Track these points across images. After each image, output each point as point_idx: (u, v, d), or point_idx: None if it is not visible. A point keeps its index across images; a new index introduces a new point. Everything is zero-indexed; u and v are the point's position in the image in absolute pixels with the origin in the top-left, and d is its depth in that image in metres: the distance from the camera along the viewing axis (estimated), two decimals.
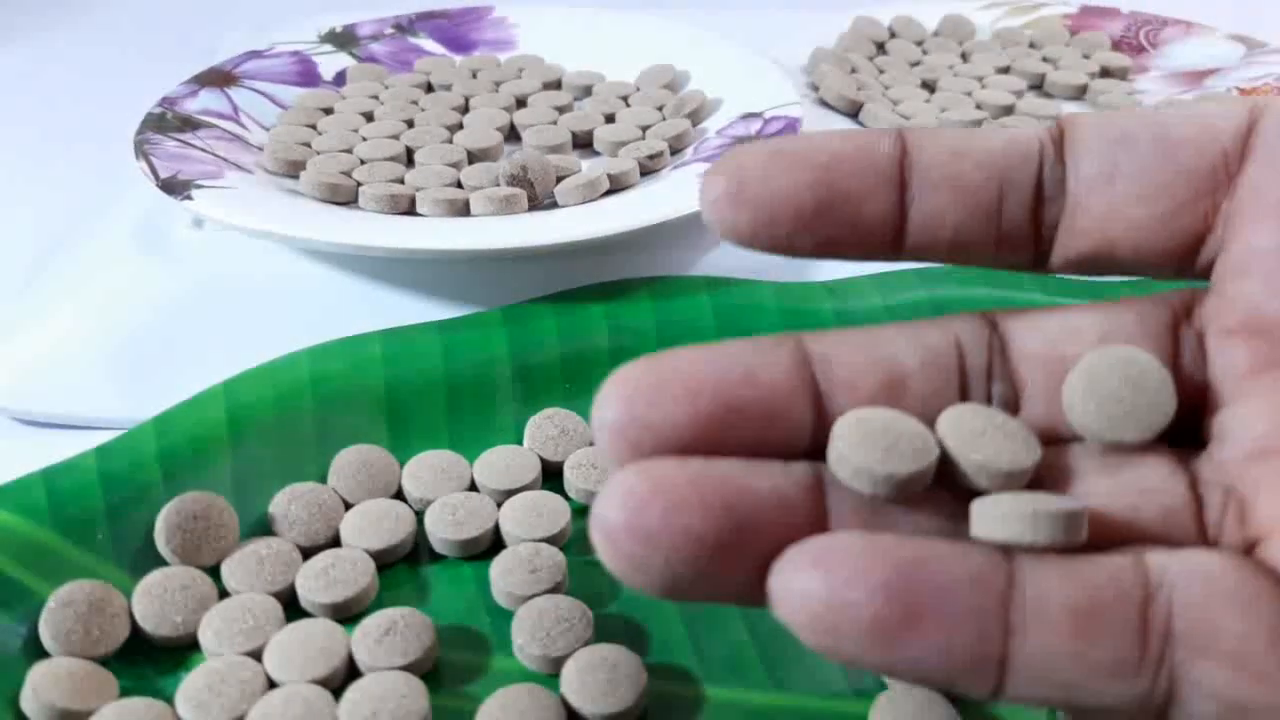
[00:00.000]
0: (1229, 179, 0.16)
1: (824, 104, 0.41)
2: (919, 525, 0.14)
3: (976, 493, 0.14)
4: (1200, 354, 0.16)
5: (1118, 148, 0.16)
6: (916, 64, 0.46)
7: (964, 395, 0.16)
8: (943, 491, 0.15)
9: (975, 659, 0.13)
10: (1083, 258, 0.16)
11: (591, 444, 0.27)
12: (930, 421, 0.15)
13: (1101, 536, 0.14)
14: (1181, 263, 0.16)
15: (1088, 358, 0.15)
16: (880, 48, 0.47)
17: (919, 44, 0.48)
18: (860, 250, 0.16)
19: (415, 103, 0.41)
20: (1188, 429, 0.16)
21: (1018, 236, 0.16)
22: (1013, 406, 0.16)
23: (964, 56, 0.47)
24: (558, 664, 0.22)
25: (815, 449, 0.15)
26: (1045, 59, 0.46)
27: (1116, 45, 0.48)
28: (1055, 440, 0.15)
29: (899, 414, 0.15)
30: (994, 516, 0.14)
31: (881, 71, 0.45)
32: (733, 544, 0.13)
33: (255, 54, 0.43)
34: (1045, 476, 0.15)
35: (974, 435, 0.14)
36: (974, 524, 0.14)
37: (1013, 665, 0.13)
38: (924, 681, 0.13)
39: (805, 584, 0.13)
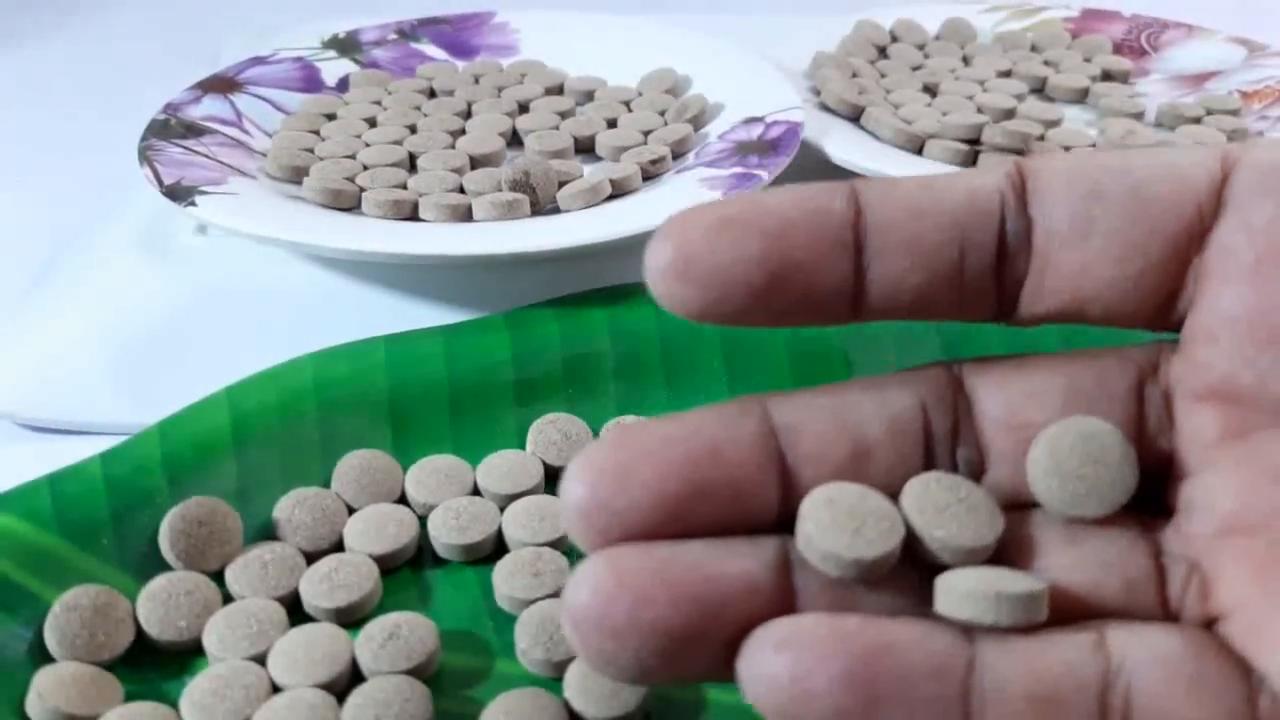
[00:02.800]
0: (1202, 235, 0.15)
1: (825, 108, 0.41)
2: (884, 601, 0.14)
3: (941, 566, 0.15)
4: (1166, 415, 0.15)
5: (1090, 203, 0.15)
6: (918, 68, 0.46)
7: (930, 460, 0.15)
8: (908, 565, 0.15)
9: None
10: (1052, 314, 0.16)
11: None
12: (895, 491, 0.15)
13: (1063, 609, 0.14)
14: (1153, 319, 0.16)
15: (1050, 431, 0.15)
16: (882, 51, 0.47)
17: (920, 48, 0.48)
18: (818, 319, 0.15)
19: (418, 108, 0.41)
20: (1152, 493, 0.15)
21: (981, 293, 0.15)
22: (978, 470, 0.16)
23: (965, 60, 0.47)
24: (561, 668, 0.22)
25: (782, 522, 0.15)
26: (1047, 62, 0.46)
27: (1118, 48, 0.48)
28: (1020, 505, 0.15)
29: (865, 491, 0.15)
30: (957, 595, 0.14)
31: (883, 75, 0.45)
32: (701, 632, 0.14)
33: (258, 60, 0.43)
34: (1009, 546, 0.15)
35: (937, 511, 0.15)
36: (937, 601, 0.14)
37: None
38: None
39: (770, 670, 0.13)
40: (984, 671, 0.13)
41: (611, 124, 0.40)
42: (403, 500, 0.27)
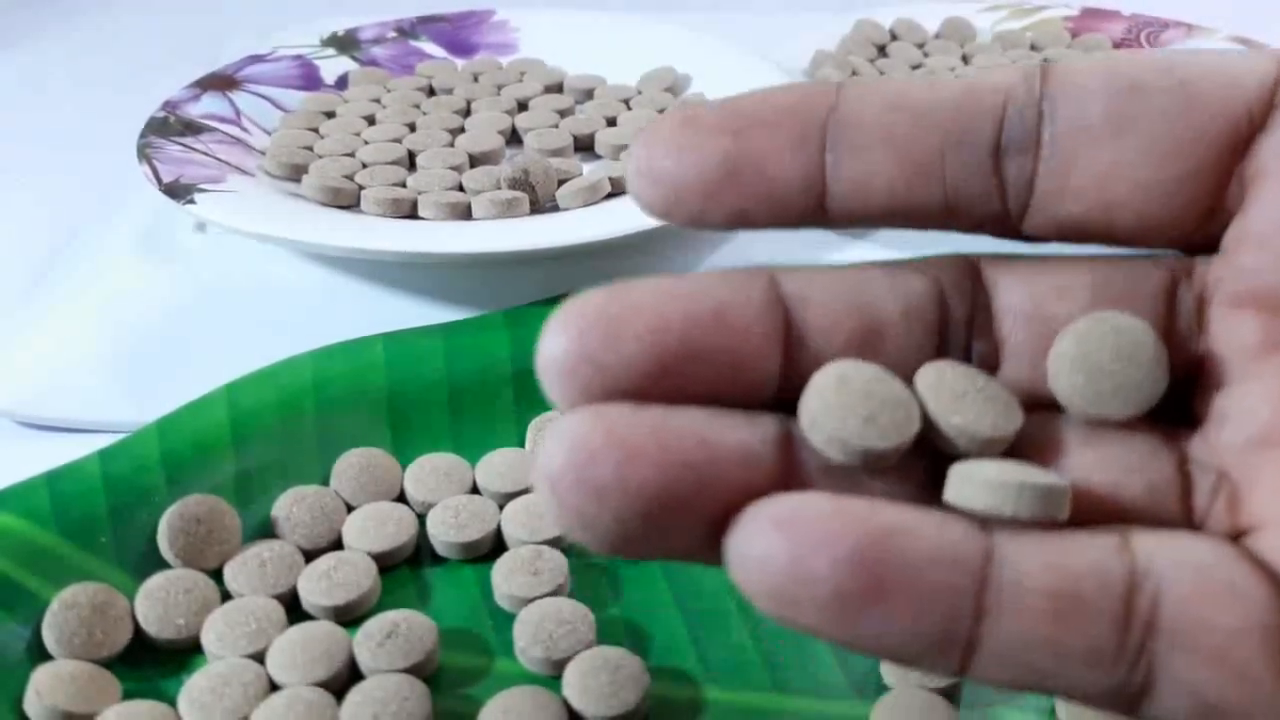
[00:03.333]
0: (1250, 140, 0.14)
1: None
2: (888, 488, 0.13)
3: (952, 456, 0.14)
4: (1197, 322, 0.14)
5: (1129, 97, 0.14)
6: (918, 66, 0.46)
7: (942, 349, 0.15)
8: (917, 454, 0.14)
9: (942, 640, 0.12)
10: (1072, 223, 0.14)
11: None
12: (907, 376, 0.14)
13: (1083, 511, 0.13)
14: (1188, 234, 0.14)
15: (1078, 324, 0.14)
16: (881, 50, 0.47)
17: (920, 46, 0.48)
18: (782, 218, 0.14)
19: (417, 106, 0.41)
20: (1176, 400, 0.14)
21: (975, 197, 0.14)
22: (992, 365, 0.15)
23: (965, 59, 0.47)
24: (560, 666, 0.22)
25: (782, 398, 0.14)
26: (1046, 61, 0.46)
27: (1117, 47, 0.48)
28: (1035, 404, 0.14)
29: (881, 374, 0.13)
30: (975, 483, 0.13)
31: (883, 74, 0.45)
32: (690, 501, 0.12)
33: (257, 58, 0.43)
34: (1024, 444, 0.14)
35: (954, 397, 0.13)
36: (951, 489, 0.13)
37: (982, 648, 0.12)
38: (884, 657, 0.12)
39: (765, 549, 0.12)
40: (1002, 564, 0.12)
41: (611, 122, 0.40)
42: (401, 498, 0.27)
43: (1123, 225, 0.14)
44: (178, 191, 0.32)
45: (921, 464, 0.14)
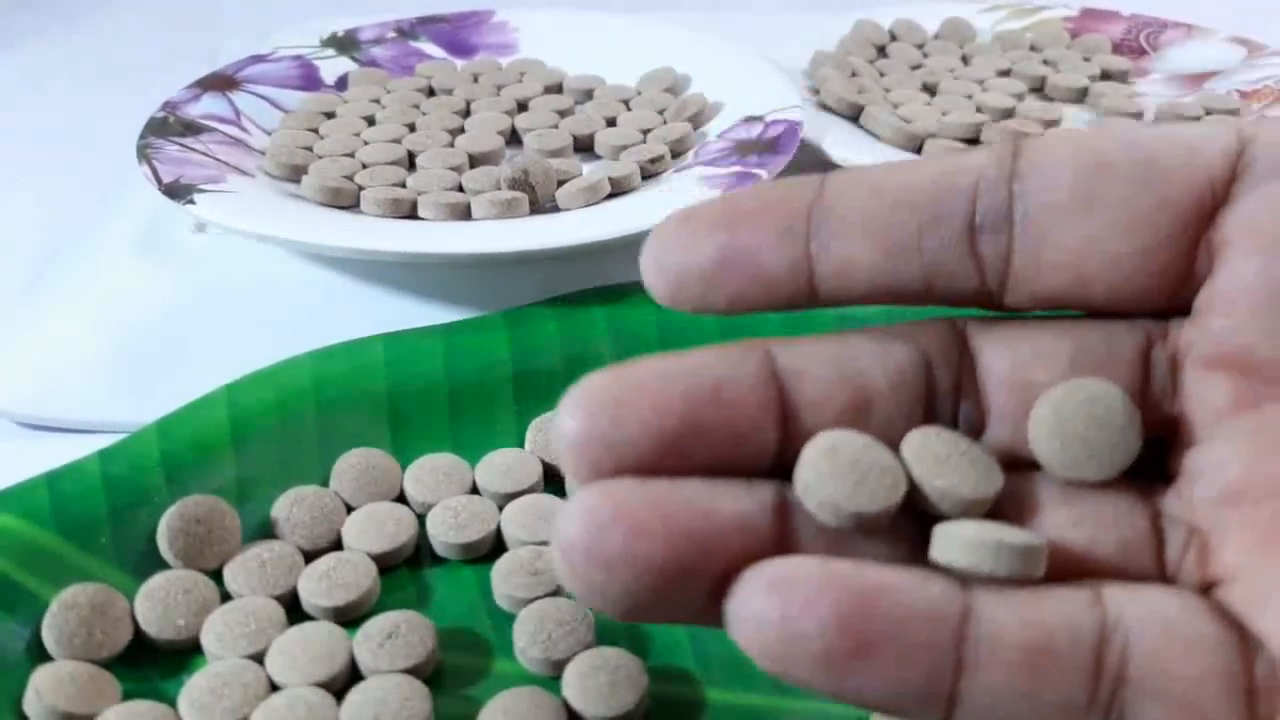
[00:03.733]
0: (1214, 210, 0.15)
1: (825, 107, 0.41)
2: (879, 550, 0.14)
3: (938, 517, 0.14)
4: (1171, 381, 0.15)
5: (1095, 174, 0.15)
6: (917, 67, 0.46)
7: (930, 415, 0.15)
8: (905, 515, 0.14)
9: (925, 694, 0.13)
10: (1049, 295, 0.15)
11: None
12: (895, 442, 0.15)
13: (1059, 568, 0.14)
14: (1162, 301, 0.15)
15: (1056, 392, 0.15)
16: (881, 51, 0.47)
17: (920, 47, 0.48)
18: (775, 303, 0.15)
19: (417, 107, 0.41)
20: (1151, 458, 0.15)
21: (954, 275, 0.15)
22: (978, 428, 0.16)
23: (965, 59, 0.47)
24: (559, 667, 0.22)
25: (779, 467, 0.15)
26: (1046, 62, 0.46)
27: (1117, 48, 0.48)
28: (1018, 465, 0.15)
29: (869, 442, 0.14)
30: (956, 543, 0.14)
31: (882, 74, 0.45)
32: (694, 569, 0.13)
33: (257, 58, 0.43)
34: (1006, 503, 0.15)
35: (938, 461, 0.14)
36: (934, 548, 0.14)
37: (962, 701, 0.13)
38: (872, 709, 0.13)
39: (758, 609, 0.13)
40: (979, 621, 0.13)
41: (611, 123, 0.40)
42: (401, 499, 0.27)
43: (1098, 296, 0.15)
44: (177, 192, 0.32)
45: (911, 524, 0.15)
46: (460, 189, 0.35)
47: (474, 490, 0.27)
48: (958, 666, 0.13)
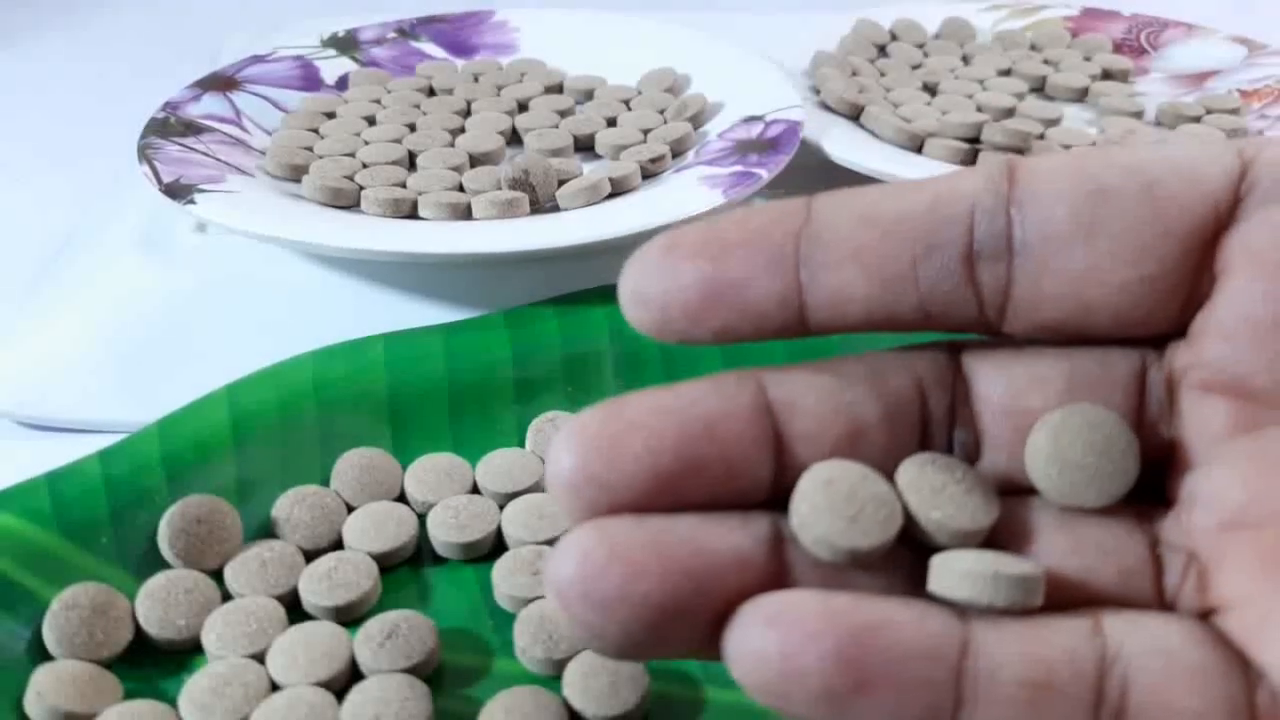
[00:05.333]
0: (1216, 235, 0.14)
1: (825, 107, 0.41)
2: (876, 582, 0.14)
3: (934, 547, 0.14)
4: (1168, 406, 0.15)
5: (1095, 201, 0.14)
6: (918, 67, 0.46)
7: (925, 442, 0.15)
8: (901, 546, 0.14)
9: None
10: (1051, 324, 0.15)
11: None
12: (890, 471, 0.15)
13: (1057, 595, 0.14)
14: (1163, 326, 0.15)
15: (1053, 418, 0.15)
16: (881, 50, 0.47)
17: (920, 47, 0.48)
18: (764, 333, 0.15)
19: (417, 106, 0.41)
20: (1148, 483, 0.15)
21: (952, 304, 0.15)
22: (973, 455, 0.15)
23: (965, 59, 0.47)
24: (560, 666, 0.22)
25: (774, 499, 0.15)
26: (1046, 61, 0.46)
27: (1118, 47, 0.48)
28: (1014, 491, 0.15)
29: (865, 473, 0.14)
30: (953, 574, 0.14)
31: (883, 74, 0.45)
32: (690, 607, 0.13)
33: (258, 58, 0.43)
34: (1002, 530, 0.15)
35: (933, 492, 0.14)
36: (932, 580, 0.14)
37: None
38: None
39: (757, 645, 0.13)
40: (978, 655, 0.13)
41: (611, 122, 0.40)
42: (402, 498, 0.27)
43: (1101, 324, 0.15)
44: (178, 192, 0.32)
45: (907, 557, 0.14)
46: (461, 189, 0.35)
47: (475, 490, 0.27)
48: (957, 702, 0.13)
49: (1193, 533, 0.14)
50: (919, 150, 0.38)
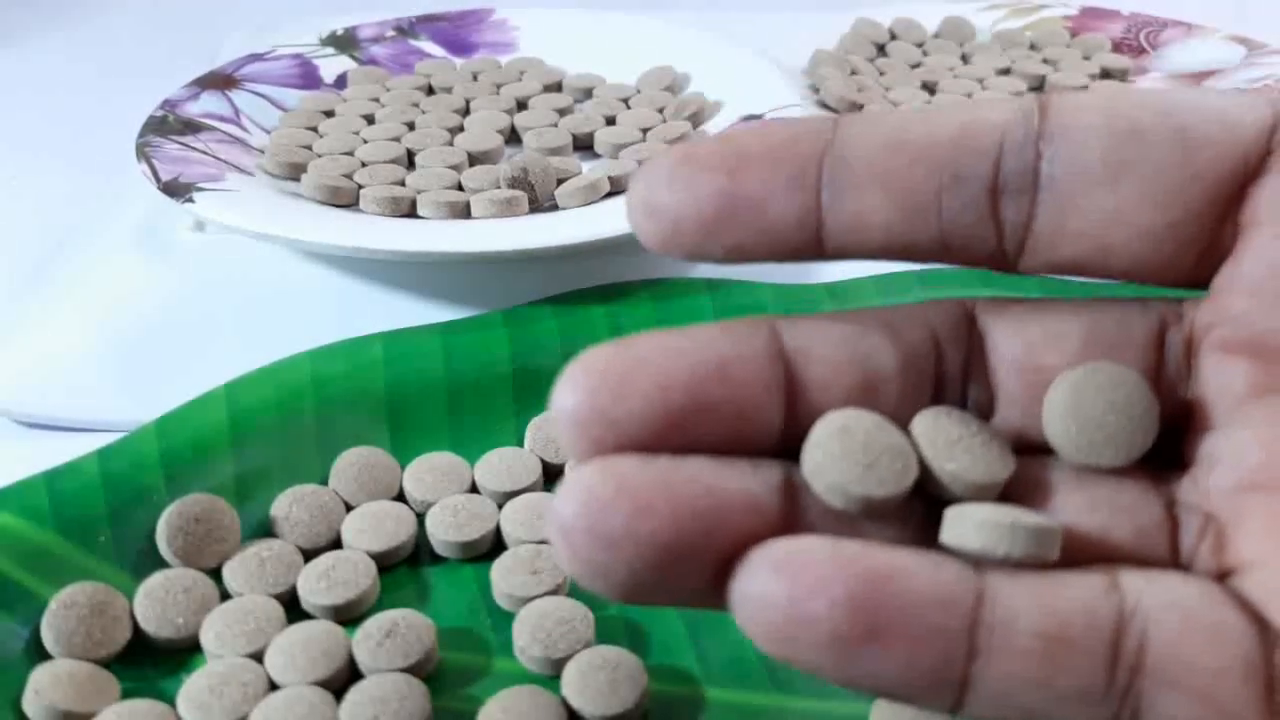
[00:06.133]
0: (1245, 185, 0.14)
1: (824, 106, 0.41)
2: (888, 531, 0.14)
3: (947, 500, 0.14)
4: (1186, 366, 0.15)
5: (1128, 141, 0.14)
6: (917, 65, 0.46)
7: (938, 396, 0.15)
8: (914, 498, 0.14)
9: (936, 680, 0.13)
10: (1067, 263, 0.15)
11: None
12: (904, 423, 0.14)
13: (1073, 553, 0.14)
14: (1185, 275, 0.15)
15: (1074, 374, 0.14)
16: (881, 49, 0.47)
17: (919, 45, 0.48)
18: (779, 254, 0.15)
19: (416, 105, 0.41)
20: (1162, 446, 0.15)
21: (971, 237, 0.14)
22: (987, 410, 0.15)
23: (964, 58, 0.47)
24: (559, 666, 0.22)
25: (783, 446, 0.14)
26: (1046, 61, 0.46)
27: (1117, 47, 0.48)
28: (1027, 448, 0.15)
29: (880, 422, 0.14)
30: (968, 525, 0.13)
31: (882, 73, 0.45)
32: (698, 549, 0.13)
33: (256, 57, 0.43)
34: (1017, 488, 0.15)
35: (949, 444, 0.14)
36: (946, 531, 0.14)
37: (974, 687, 0.13)
38: (880, 695, 0.13)
39: (765, 590, 0.12)
40: (994, 605, 0.13)
41: (610, 121, 0.40)
42: (401, 497, 0.27)
43: (1118, 266, 0.15)
44: (176, 190, 0.32)
45: (920, 506, 0.14)
46: (460, 187, 0.35)
47: (473, 489, 0.27)
48: (970, 653, 0.12)
49: (1211, 494, 0.14)
50: None
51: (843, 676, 0.13)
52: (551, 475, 0.27)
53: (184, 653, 0.23)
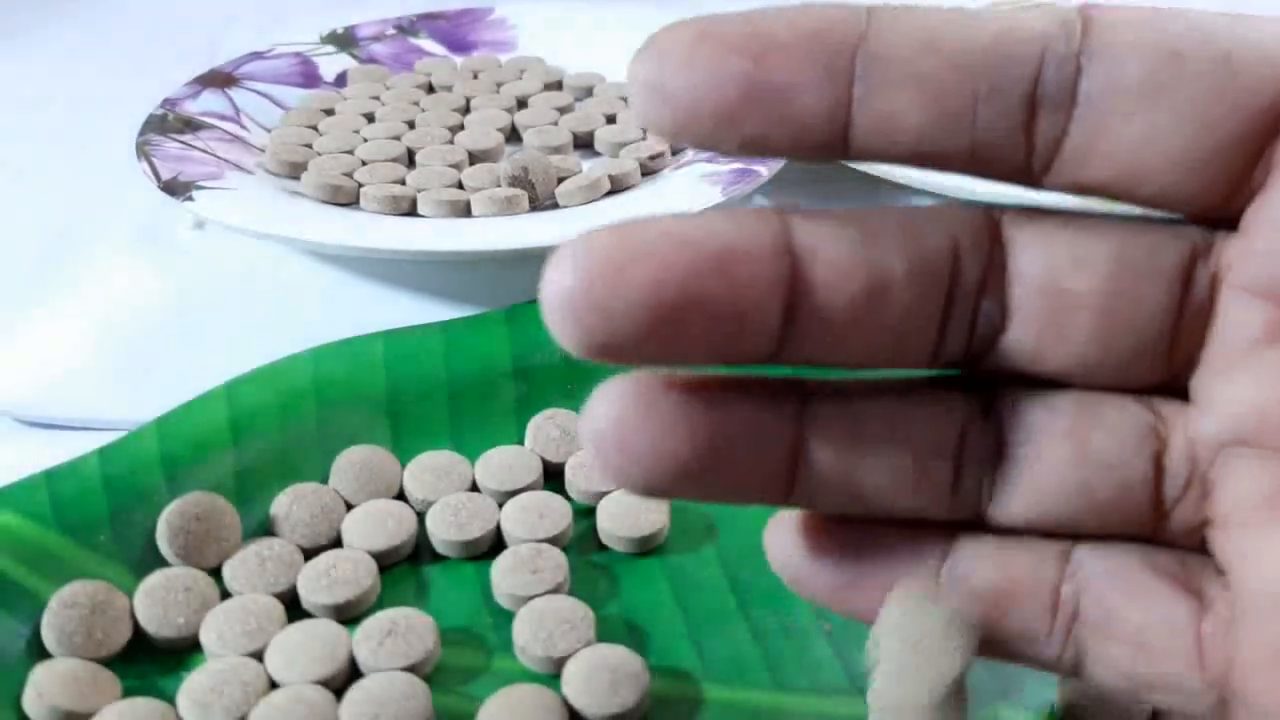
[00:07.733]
0: None
1: None
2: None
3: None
4: (1209, 301, 0.14)
5: (1167, 64, 0.13)
6: None
7: (949, 306, 0.15)
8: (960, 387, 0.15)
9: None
10: (1094, 184, 0.14)
11: None
12: (905, 338, 0.14)
13: (1048, 513, 0.15)
14: (1214, 208, 0.14)
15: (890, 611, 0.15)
16: None
17: None
18: (800, 150, 0.14)
19: (416, 104, 0.41)
20: (1176, 378, 0.15)
21: (1001, 148, 0.14)
22: (999, 326, 0.15)
23: None
24: (559, 665, 0.22)
25: (779, 348, 0.14)
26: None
27: None
28: (1032, 375, 0.15)
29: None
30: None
31: None
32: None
33: (256, 55, 0.43)
34: (1012, 438, 0.15)
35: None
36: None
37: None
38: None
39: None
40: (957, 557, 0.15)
41: (610, 119, 0.40)
42: (401, 496, 0.27)
43: (1145, 192, 0.14)
44: (176, 189, 0.32)
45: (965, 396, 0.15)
46: (460, 186, 0.35)
47: (474, 488, 0.27)
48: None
49: (1205, 439, 0.14)
50: None
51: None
52: (552, 474, 0.27)
53: (184, 652, 0.23)
